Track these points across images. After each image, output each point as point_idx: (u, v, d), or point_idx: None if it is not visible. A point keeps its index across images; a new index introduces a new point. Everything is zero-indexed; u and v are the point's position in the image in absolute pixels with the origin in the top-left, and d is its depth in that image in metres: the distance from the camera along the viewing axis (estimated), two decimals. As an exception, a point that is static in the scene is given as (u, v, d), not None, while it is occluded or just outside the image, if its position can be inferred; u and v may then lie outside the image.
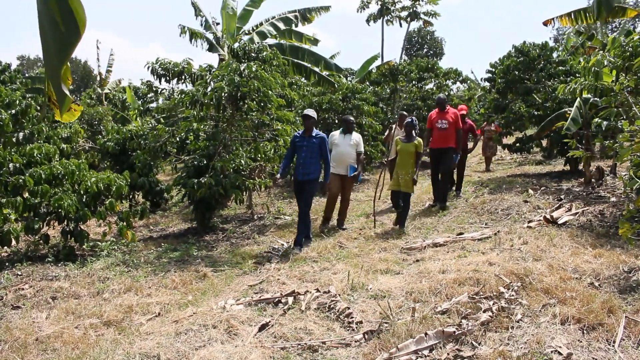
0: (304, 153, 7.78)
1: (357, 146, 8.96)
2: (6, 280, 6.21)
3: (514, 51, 14.08)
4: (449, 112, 10.20)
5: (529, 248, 6.26)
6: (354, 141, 8.93)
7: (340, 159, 8.84)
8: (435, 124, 10.24)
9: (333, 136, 9.04)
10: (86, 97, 22.56)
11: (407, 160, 8.52)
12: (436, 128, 10.22)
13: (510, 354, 3.76)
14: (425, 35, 56.15)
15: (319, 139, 7.85)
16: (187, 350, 4.16)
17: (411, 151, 8.52)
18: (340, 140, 8.94)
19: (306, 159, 7.78)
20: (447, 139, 10.07)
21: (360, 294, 5.32)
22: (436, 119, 10.26)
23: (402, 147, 8.62)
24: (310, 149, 7.79)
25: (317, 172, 7.86)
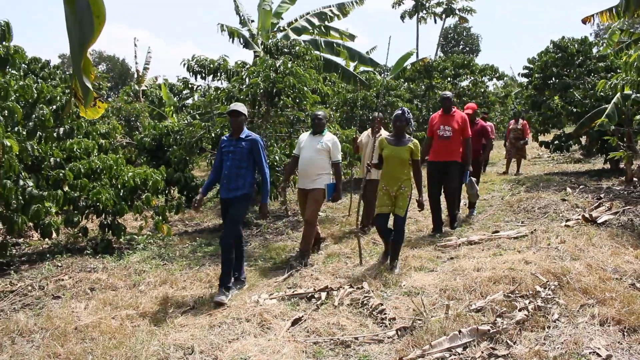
0: (230, 162, 5.76)
1: (328, 152, 6.77)
2: (47, 270, 6.38)
3: (552, 47, 13.83)
4: (455, 116, 8.00)
5: (567, 247, 6.13)
6: (324, 145, 6.73)
7: (305, 168, 6.77)
8: (436, 131, 8.03)
9: (300, 139, 7.07)
10: (124, 94, 22.98)
11: (398, 169, 6.12)
12: (436, 136, 8.02)
13: (547, 354, 3.69)
14: (461, 31, 55.47)
15: (249, 142, 5.78)
16: (220, 342, 4.21)
17: (404, 158, 6.10)
18: (307, 143, 6.86)
19: (232, 168, 5.74)
20: (450, 151, 7.92)
21: (394, 291, 5.29)
22: (438, 123, 8.05)
23: (390, 151, 6.13)
24: (239, 156, 5.77)
25: (247, 186, 5.78)
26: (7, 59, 5.79)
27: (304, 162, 6.79)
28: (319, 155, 6.73)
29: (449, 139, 7.93)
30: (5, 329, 4.59)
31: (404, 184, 6.09)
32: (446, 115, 8.04)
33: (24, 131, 6.92)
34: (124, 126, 15.78)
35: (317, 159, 6.72)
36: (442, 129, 7.96)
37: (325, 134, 6.89)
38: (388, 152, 6.12)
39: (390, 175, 6.15)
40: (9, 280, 6.13)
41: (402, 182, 6.08)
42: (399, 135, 6.18)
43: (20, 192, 6.43)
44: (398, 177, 6.09)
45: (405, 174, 6.14)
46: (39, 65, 13.52)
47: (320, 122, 6.86)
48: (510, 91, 25.52)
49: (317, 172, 6.72)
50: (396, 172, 6.10)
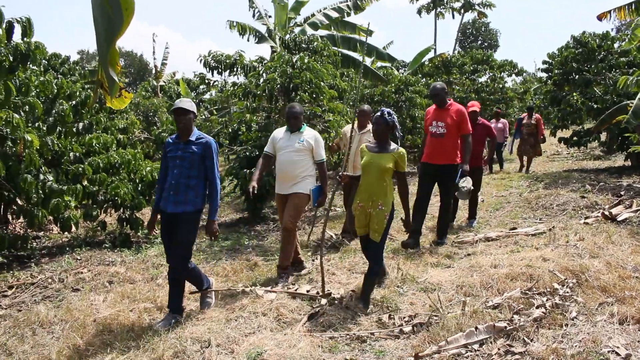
0: (177, 170, 4.72)
1: (311, 150, 5.87)
2: (67, 263, 6.47)
3: (573, 42, 13.67)
4: (450, 110, 6.89)
5: (586, 245, 6.06)
6: (304, 143, 5.82)
7: (284, 171, 5.84)
8: (429, 127, 7.05)
9: (275, 137, 6.04)
10: (142, 89, 23.13)
11: (376, 182, 4.88)
12: (429, 133, 7.03)
13: (564, 352, 3.66)
14: (479, 26, 55.04)
15: (201, 147, 4.74)
16: (237, 336, 4.23)
17: (385, 167, 4.85)
18: (283, 142, 5.90)
19: (180, 178, 4.71)
20: (444, 151, 6.87)
21: (410, 287, 5.29)
22: (430, 119, 7.05)
23: (369, 159, 4.98)
24: (188, 163, 4.72)
25: (199, 201, 4.77)
26: (28, 55, 5.85)
27: (282, 165, 5.84)
28: (300, 155, 5.81)
29: (442, 137, 6.86)
30: (26, 320, 4.67)
31: (383, 202, 4.82)
32: (440, 110, 6.97)
33: (44, 126, 7.01)
34: (142, 121, 15.90)
35: (298, 159, 5.80)
36: (435, 125, 6.93)
37: (305, 130, 5.95)
38: (366, 160, 4.95)
39: (366, 188, 4.93)
40: (29, 272, 6.23)
41: (380, 199, 4.82)
42: (381, 141, 5.00)
43: (40, 186, 6.52)
44: (375, 191, 4.85)
45: (384, 188, 4.85)
46: (59, 61, 13.70)
47: (298, 119, 5.89)
48: (529, 87, 25.29)
49: (299, 174, 5.81)
50: (374, 185, 4.87)
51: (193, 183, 4.74)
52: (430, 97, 7.13)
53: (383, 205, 4.83)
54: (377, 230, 4.82)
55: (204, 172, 4.80)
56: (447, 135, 6.84)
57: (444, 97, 6.91)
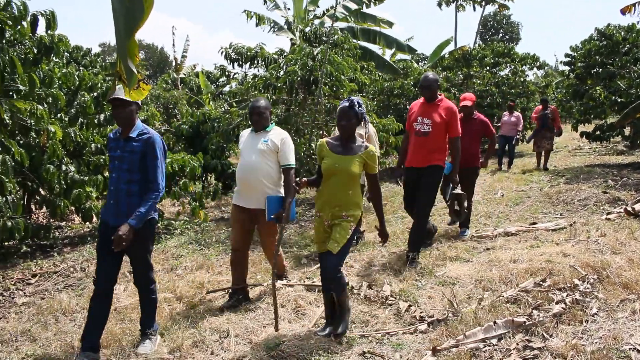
0: (115, 173, 3.94)
1: (275, 154, 4.83)
2: (88, 253, 6.56)
3: (597, 34, 13.45)
4: (439, 107, 5.97)
5: (607, 240, 5.99)
6: (268, 144, 4.81)
7: (245, 177, 4.83)
8: (412, 124, 6.07)
9: (240, 138, 5.18)
10: (162, 82, 23.28)
11: (340, 189, 4.04)
12: (413, 131, 6.07)
13: (584, 348, 3.62)
14: (501, 19, 54.44)
15: (141, 144, 3.90)
16: (255, 327, 4.27)
17: (351, 172, 4.01)
18: (247, 144, 4.94)
19: (119, 182, 3.91)
20: (428, 152, 5.91)
21: (429, 280, 5.28)
22: (415, 114, 6.07)
23: (332, 163, 4.07)
24: (127, 164, 3.89)
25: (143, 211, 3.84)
26: (52, 47, 5.93)
27: (243, 170, 4.84)
28: (264, 158, 4.78)
29: (427, 136, 5.91)
30: (49, 307, 4.75)
31: (348, 212, 4.00)
32: (428, 105, 6.04)
33: (66, 118, 7.10)
34: (162, 113, 16.02)
35: (262, 164, 4.76)
36: (420, 121, 5.96)
37: (272, 129, 4.94)
38: (328, 163, 4.04)
39: (327, 196, 4.06)
40: (52, 261, 6.33)
41: (345, 209, 3.99)
42: (347, 139, 4.10)
43: (62, 176, 6.61)
44: (339, 199, 3.99)
45: (351, 197, 4.03)
46: (81, 53, 13.83)
47: (262, 117, 4.86)
48: (550, 81, 24.97)
49: (262, 181, 4.76)
50: (337, 192, 4.01)
51: (135, 189, 3.89)
52: (420, 89, 6.14)
53: (348, 216, 4.02)
54: (337, 240, 3.93)
55: (144, 175, 3.91)
56: (432, 135, 5.91)
57: (435, 90, 6.01)
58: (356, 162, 4.03)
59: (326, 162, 4.08)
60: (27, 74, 5.67)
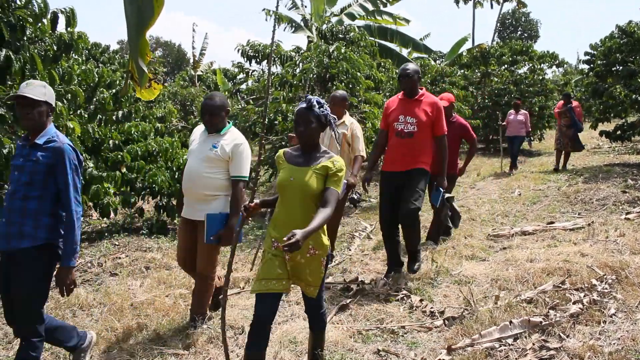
0: (13, 185, 3.22)
1: (227, 162, 4.10)
2: (105, 249, 6.62)
3: (618, 31, 13.25)
4: (423, 102, 5.22)
5: (626, 240, 5.92)
6: (217, 151, 4.06)
7: (188, 183, 4.17)
8: (393, 124, 5.29)
9: (193, 135, 4.39)
10: (179, 79, 23.41)
11: (300, 208, 3.20)
12: (393, 132, 5.29)
13: (602, 349, 3.59)
14: (519, 17, 53.97)
15: (49, 154, 3.19)
16: (270, 324, 4.28)
17: (312, 188, 3.16)
18: (195, 146, 4.22)
19: (15, 197, 3.17)
20: (413, 156, 5.18)
21: (444, 279, 5.25)
22: (395, 112, 5.29)
23: (288, 174, 3.26)
24: (26, 176, 3.17)
25: (37, 234, 3.15)
26: (72, 44, 5.98)
27: (187, 176, 4.16)
28: (210, 166, 4.06)
29: (411, 137, 5.13)
30: (67, 302, 4.80)
31: (314, 242, 3.17)
32: (409, 101, 5.24)
33: (85, 114, 7.16)
34: (180, 110, 16.10)
35: (207, 172, 4.05)
36: (402, 120, 5.19)
37: (227, 132, 4.18)
38: (282, 176, 3.25)
39: (285, 220, 3.21)
40: (70, 256, 6.40)
41: (310, 239, 3.04)
42: (307, 148, 3.27)
43: (81, 172, 6.67)
44: (303, 222, 2.98)
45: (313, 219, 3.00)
46: (100, 50, 13.94)
47: (215, 117, 4.11)
48: (570, 79, 24.70)
49: (206, 193, 4.07)
50: (298, 215, 3.15)
51: (32, 207, 3.13)
52: (399, 80, 5.30)
53: (316, 248, 3.18)
54: (312, 284, 3.25)
55: (52, 191, 3.19)
56: (418, 135, 5.13)
57: (416, 82, 5.22)
58: (315, 175, 3.13)
59: (282, 174, 3.25)
60: (47, 70, 5.73)
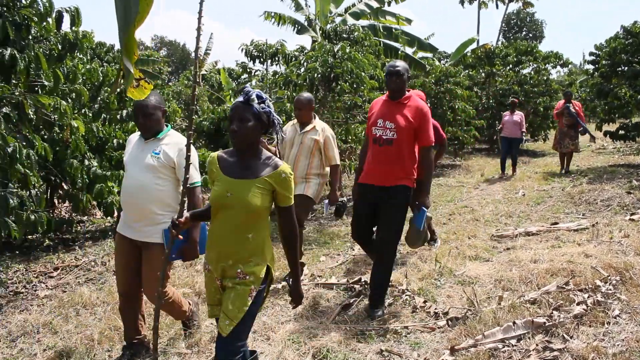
0: None
1: (171, 169, 3.62)
2: (109, 247, 6.63)
3: (623, 32, 13.21)
4: (407, 106, 4.46)
5: (631, 242, 5.91)
6: (160, 157, 3.58)
7: (127, 199, 3.63)
8: (371, 130, 4.57)
9: (127, 144, 3.84)
10: (183, 78, 23.42)
11: (236, 231, 2.70)
12: (371, 138, 4.56)
13: (605, 351, 3.58)
14: (524, 17, 53.83)
15: None
16: (272, 323, 4.29)
17: (253, 206, 2.64)
18: (133, 155, 3.68)
19: None
20: (394, 168, 4.43)
21: (448, 279, 5.25)
22: (376, 116, 4.56)
23: (224, 189, 2.69)
24: None
25: None
26: (76, 43, 5.98)
27: (127, 191, 3.62)
28: (154, 177, 3.55)
29: (390, 145, 4.41)
30: (70, 301, 4.82)
31: (246, 267, 2.70)
32: (392, 104, 4.52)
33: (90, 113, 7.17)
34: (184, 110, 16.12)
35: (151, 185, 3.53)
36: (381, 125, 4.46)
37: (166, 136, 3.67)
38: (217, 191, 2.71)
39: (217, 241, 2.76)
40: (74, 255, 6.42)
41: (241, 262, 2.69)
42: (245, 153, 2.75)
43: (85, 171, 6.68)
44: (231, 247, 2.69)
45: (251, 244, 2.70)
46: (104, 49, 13.97)
47: (150, 119, 3.58)
48: (574, 79, 24.63)
49: (155, 208, 3.56)
50: (229, 236, 2.70)
51: None
52: (386, 78, 4.53)
53: (245, 273, 2.69)
54: (230, 316, 2.65)
55: None
56: (397, 144, 4.39)
57: (405, 83, 4.49)
58: (258, 190, 2.65)
59: (215, 188, 2.72)
60: (51, 69, 5.73)
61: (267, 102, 2.71)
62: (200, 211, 2.99)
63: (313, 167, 5.22)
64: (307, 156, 5.13)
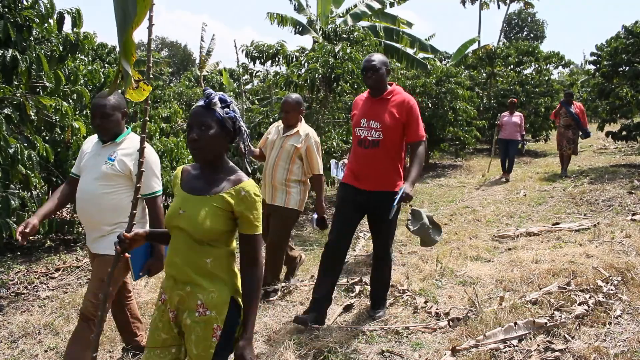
0: None
1: (127, 179, 3.22)
2: (110, 249, 6.64)
3: (624, 32, 13.20)
4: (391, 102, 4.11)
5: (632, 242, 5.90)
6: (115, 164, 3.20)
7: (82, 209, 3.28)
8: (355, 131, 4.23)
9: (83, 149, 3.45)
10: (185, 79, 23.47)
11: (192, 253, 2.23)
12: (356, 139, 4.22)
13: (607, 351, 3.58)
14: (525, 17, 53.82)
15: None
16: (273, 324, 4.29)
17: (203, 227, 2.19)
18: (89, 160, 3.31)
19: None
20: (382, 171, 4.11)
21: (449, 280, 5.25)
22: (359, 116, 4.23)
23: (177, 204, 2.29)
24: None
25: None
26: (78, 44, 5.99)
27: (80, 200, 3.25)
28: (107, 186, 3.18)
29: (377, 146, 4.07)
30: (71, 301, 4.82)
31: (205, 296, 2.22)
32: (375, 101, 4.18)
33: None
34: (185, 110, 16.14)
35: (103, 195, 3.17)
36: (365, 125, 4.13)
37: (125, 140, 3.30)
38: (173, 207, 2.32)
39: (171, 265, 2.30)
40: (75, 256, 6.43)
41: (200, 290, 2.23)
42: (207, 166, 2.34)
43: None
44: (187, 272, 2.24)
45: (211, 269, 2.25)
46: (106, 50, 13.98)
47: (107, 120, 3.22)
48: (576, 79, 24.62)
49: (107, 221, 3.21)
50: (187, 257, 2.25)
51: None
52: (363, 74, 4.22)
53: (206, 307, 2.20)
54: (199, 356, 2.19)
55: None
56: (385, 144, 4.07)
57: (384, 78, 4.14)
58: (212, 209, 2.22)
59: (171, 204, 2.36)
60: (53, 71, 5.74)
61: (232, 107, 2.32)
62: (161, 231, 2.57)
63: (293, 174, 4.89)
64: (287, 161, 4.85)
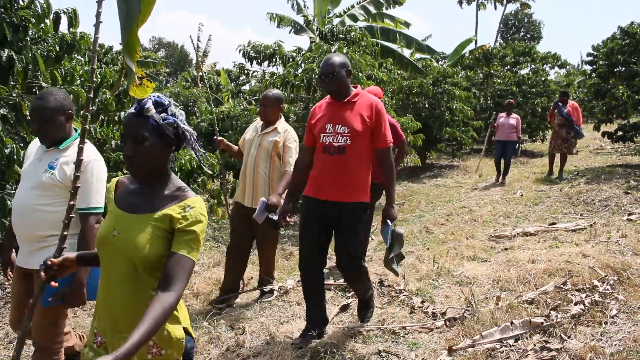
0: None
1: (65, 188, 2.82)
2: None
3: (620, 32, 13.24)
4: (358, 104, 3.81)
5: (628, 242, 5.92)
6: (54, 176, 2.84)
7: (19, 224, 2.91)
8: (320, 137, 3.86)
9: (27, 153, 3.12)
10: (182, 79, 23.45)
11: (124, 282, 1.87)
12: (320, 147, 3.85)
13: (603, 351, 3.59)
14: (522, 18, 53.89)
15: None
16: (270, 324, 4.29)
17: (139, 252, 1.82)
18: (30, 167, 2.97)
19: None
20: (349, 180, 3.77)
21: (445, 280, 5.25)
22: (322, 121, 3.88)
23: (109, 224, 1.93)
24: None
25: None
26: (74, 45, 5.98)
27: (15, 210, 2.95)
28: (45, 196, 2.86)
29: (344, 154, 3.73)
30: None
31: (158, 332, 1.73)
32: (339, 105, 3.85)
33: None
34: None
35: (40, 204, 2.85)
36: (330, 130, 3.79)
37: (70, 146, 2.97)
38: (105, 227, 1.95)
39: (105, 297, 1.94)
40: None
41: None
42: (141, 178, 1.96)
43: (83, 172, 6.67)
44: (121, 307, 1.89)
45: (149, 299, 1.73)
46: (102, 50, 13.98)
47: (48, 124, 2.88)
48: (572, 80, 24.67)
49: (41, 234, 2.88)
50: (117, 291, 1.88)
51: None
52: (321, 79, 3.92)
53: (160, 345, 1.90)
54: None
55: None
56: (352, 150, 3.74)
57: (344, 81, 3.81)
58: (152, 230, 1.87)
59: (102, 224, 2.02)
60: (49, 71, 5.74)
61: (171, 109, 1.95)
62: (92, 254, 2.13)
63: (275, 171, 4.68)
64: (267, 160, 4.62)
